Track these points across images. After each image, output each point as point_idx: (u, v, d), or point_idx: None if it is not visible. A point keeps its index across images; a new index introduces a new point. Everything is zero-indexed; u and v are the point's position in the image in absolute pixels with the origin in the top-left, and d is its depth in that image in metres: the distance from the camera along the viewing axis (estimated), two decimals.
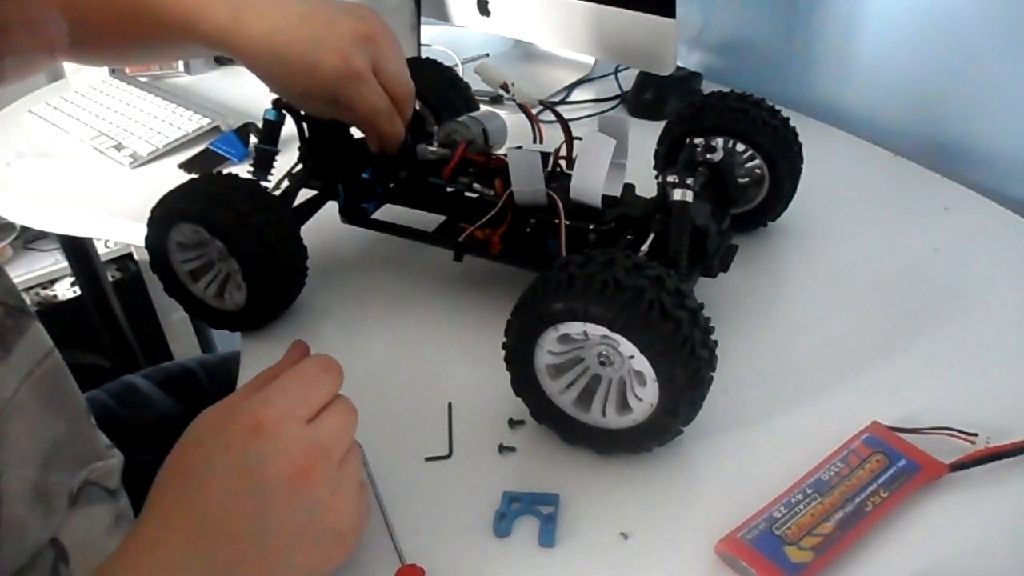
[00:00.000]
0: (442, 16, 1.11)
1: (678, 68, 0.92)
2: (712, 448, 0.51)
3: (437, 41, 1.13)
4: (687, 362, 0.44)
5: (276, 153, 0.67)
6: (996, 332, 0.58)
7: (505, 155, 0.57)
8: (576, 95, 1.01)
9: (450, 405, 0.48)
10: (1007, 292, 0.62)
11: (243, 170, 0.68)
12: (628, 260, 0.45)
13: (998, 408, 0.52)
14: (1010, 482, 0.47)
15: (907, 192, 0.76)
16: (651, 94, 0.94)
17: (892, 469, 0.46)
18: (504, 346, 0.50)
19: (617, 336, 0.45)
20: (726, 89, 0.67)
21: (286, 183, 0.66)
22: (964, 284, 0.63)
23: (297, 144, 0.68)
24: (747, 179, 0.66)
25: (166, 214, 0.60)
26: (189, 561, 0.37)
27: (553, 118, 0.61)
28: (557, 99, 1.00)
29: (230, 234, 0.57)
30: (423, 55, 0.91)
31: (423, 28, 1.02)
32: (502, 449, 0.52)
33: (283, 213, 0.60)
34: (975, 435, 0.48)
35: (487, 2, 1.03)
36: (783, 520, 0.44)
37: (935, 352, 0.57)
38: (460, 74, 0.97)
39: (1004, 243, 0.68)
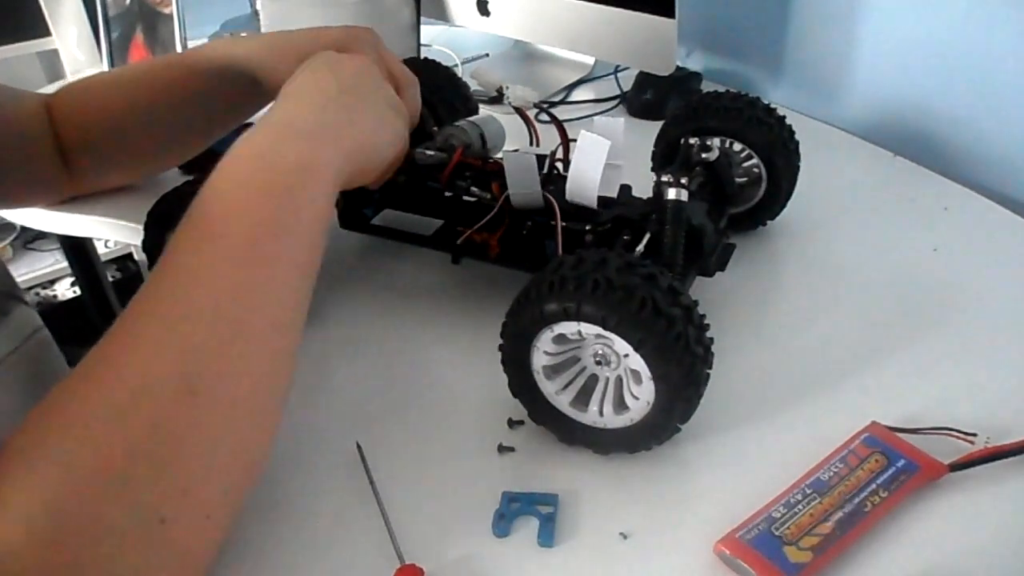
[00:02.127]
0: (442, 16, 1.11)
1: (678, 68, 0.92)
2: (711, 448, 0.51)
3: (437, 41, 1.13)
4: (682, 359, 0.44)
5: None
6: (996, 332, 0.58)
7: (501, 158, 0.57)
8: (576, 95, 1.01)
9: None
10: (1007, 292, 0.62)
11: None
12: (620, 259, 0.46)
13: (998, 408, 0.52)
14: (1010, 482, 0.47)
15: (907, 192, 0.76)
16: (651, 94, 0.94)
17: (891, 469, 0.46)
18: (500, 348, 0.50)
19: (611, 335, 0.45)
20: (725, 89, 0.67)
21: None
22: (964, 284, 0.63)
23: None
24: (745, 178, 0.66)
25: (160, 218, 0.60)
26: (296, 120, 0.50)
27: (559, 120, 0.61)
28: (557, 99, 1.00)
29: None
30: (423, 55, 0.91)
31: (423, 28, 1.02)
32: (501, 449, 0.52)
33: None
34: (974, 435, 0.48)
35: (487, 2, 1.03)
36: (782, 520, 0.44)
37: (935, 352, 0.57)
38: (460, 74, 0.97)
39: (1004, 243, 0.68)
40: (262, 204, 0.45)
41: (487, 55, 1.13)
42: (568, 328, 0.46)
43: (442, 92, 0.74)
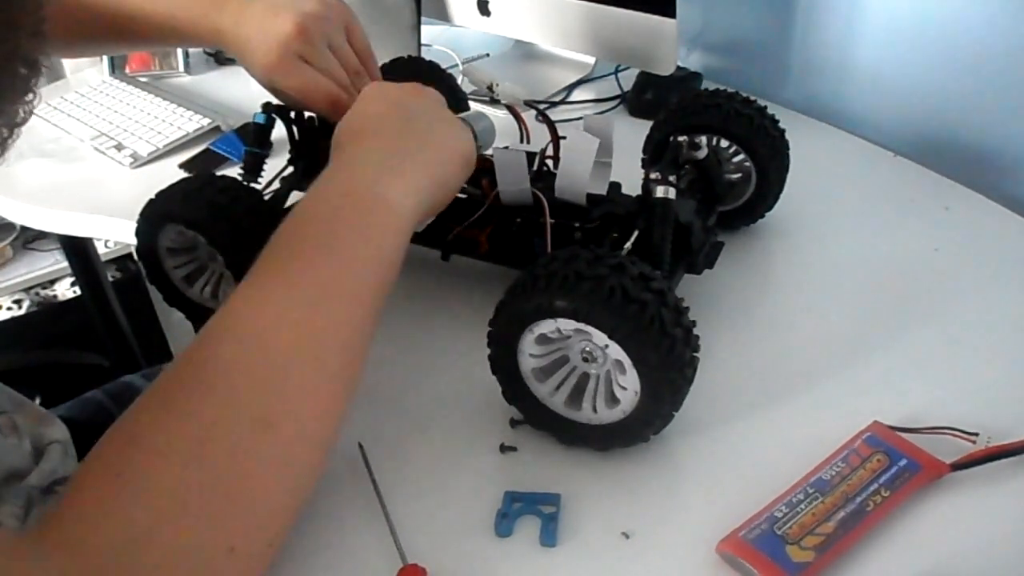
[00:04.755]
0: (442, 16, 1.11)
1: (678, 68, 0.92)
2: (713, 448, 0.51)
3: (437, 41, 1.13)
4: (659, 342, 0.44)
5: (266, 156, 0.68)
6: (996, 332, 0.58)
7: (491, 155, 0.58)
8: (576, 95, 1.01)
9: None
10: (1007, 292, 0.62)
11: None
12: (590, 253, 0.46)
13: (999, 408, 0.52)
14: (1011, 482, 0.47)
15: (907, 192, 0.76)
16: (651, 94, 0.94)
17: (893, 469, 0.47)
18: (489, 357, 0.50)
19: (588, 327, 0.45)
20: (724, 89, 0.67)
21: (276, 186, 0.66)
22: (964, 284, 0.63)
23: (288, 147, 0.68)
24: (738, 174, 0.66)
25: (149, 220, 0.60)
26: (369, 156, 0.50)
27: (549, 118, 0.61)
28: (557, 99, 1.00)
29: (208, 227, 0.57)
30: (423, 55, 0.91)
31: (423, 28, 1.02)
32: (503, 449, 0.52)
33: (259, 202, 0.60)
34: (976, 435, 0.48)
35: (487, 2, 1.03)
36: (784, 520, 0.44)
37: (936, 352, 0.57)
38: (460, 74, 0.97)
39: (1004, 243, 0.68)
40: (339, 243, 0.45)
41: (487, 55, 1.13)
42: (547, 327, 0.47)
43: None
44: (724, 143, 0.65)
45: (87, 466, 0.38)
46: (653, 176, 0.54)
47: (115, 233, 0.85)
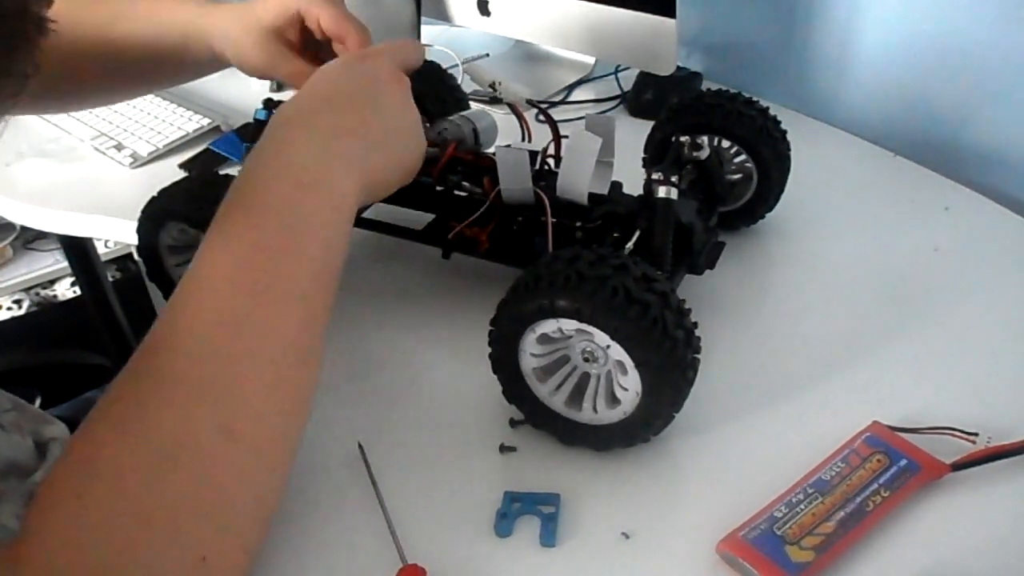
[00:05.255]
0: (442, 16, 1.11)
1: (678, 68, 0.92)
2: (713, 448, 0.51)
3: (437, 41, 1.13)
4: (661, 343, 0.44)
5: None
6: (996, 332, 0.58)
7: (494, 154, 0.58)
8: (576, 95, 1.01)
9: None
10: (1007, 292, 0.62)
11: None
12: (592, 254, 0.46)
13: (998, 408, 0.52)
14: (1011, 482, 0.47)
15: (907, 192, 0.76)
16: (651, 94, 0.94)
17: (893, 469, 0.47)
18: (490, 356, 0.50)
19: (589, 327, 0.45)
20: (727, 90, 0.67)
21: None
22: (964, 284, 0.63)
23: None
24: (739, 175, 0.66)
25: (151, 217, 0.60)
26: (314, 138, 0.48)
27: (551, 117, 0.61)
28: (557, 99, 1.00)
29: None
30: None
31: (423, 28, 1.02)
32: (503, 449, 0.52)
33: None
34: (976, 435, 0.48)
35: (487, 2, 1.03)
36: (784, 520, 0.44)
37: (935, 352, 0.57)
38: (460, 74, 0.97)
39: (1004, 243, 0.68)
40: (288, 231, 0.44)
41: (487, 55, 1.13)
42: (548, 327, 0.47)
43: (433, 89, 0.73)
44: (725, 143, 0.65)
45: (48, 489, 0.36)
46: (655, 176, 0.54)
47: (115, 233, 0.85)
